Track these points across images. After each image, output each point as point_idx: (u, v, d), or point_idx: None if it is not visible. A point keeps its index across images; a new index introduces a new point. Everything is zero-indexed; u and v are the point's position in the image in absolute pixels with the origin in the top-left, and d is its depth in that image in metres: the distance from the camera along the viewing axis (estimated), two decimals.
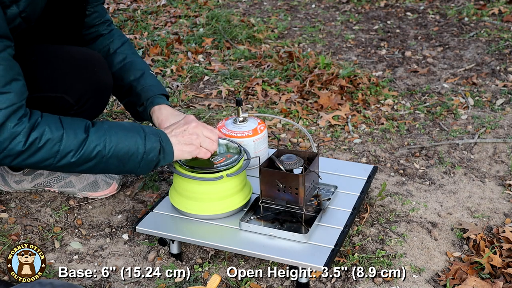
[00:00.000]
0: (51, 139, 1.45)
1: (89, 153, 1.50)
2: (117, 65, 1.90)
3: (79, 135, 1.49)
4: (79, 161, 1.50)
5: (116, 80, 1.90)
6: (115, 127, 1.55)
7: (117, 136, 1.53)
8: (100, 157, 1.52)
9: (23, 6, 1.50)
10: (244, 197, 1.73)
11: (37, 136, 1.44)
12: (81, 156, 1.49)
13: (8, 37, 1.43)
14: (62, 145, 1.47)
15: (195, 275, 1.69)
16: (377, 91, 2.78)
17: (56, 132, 1.46)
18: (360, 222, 1.88)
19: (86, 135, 1.50)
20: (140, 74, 1.89)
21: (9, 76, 1.41)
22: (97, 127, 1.53)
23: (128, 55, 1.92)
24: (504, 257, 1.70)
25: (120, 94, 1.93)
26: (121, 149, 1.53)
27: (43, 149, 1.45)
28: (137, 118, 1.93)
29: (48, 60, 1.73)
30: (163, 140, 1.59)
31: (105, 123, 1.55)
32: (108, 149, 1.52)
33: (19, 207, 1.98)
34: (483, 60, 3.13)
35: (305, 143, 2.39)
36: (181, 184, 1.70)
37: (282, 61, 3.08)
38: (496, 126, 2.47)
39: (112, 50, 1.92)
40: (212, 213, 1.70)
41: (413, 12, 3.94)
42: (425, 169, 2.20)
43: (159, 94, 1.86)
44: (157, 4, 4.08)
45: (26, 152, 1.44)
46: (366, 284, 1.65)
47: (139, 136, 1.55)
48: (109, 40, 1.92)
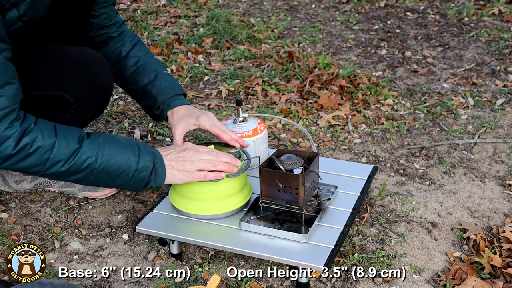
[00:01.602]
0: (42, 146, 1.45)
1: (80, 164, 1.49)
2: (130, 69, 1.89)
3: (71, 145, 1.48)
4: (69, 171, 1.49)
5: (131, 84, 1.89)
6: (110, 141, 1.54)
7: (110, 150, 1.52)
8: (90, 170, 1.51)
9: (23, 10, 1.49)
10: (244, 197, 1.73)
11: (28, 142, 1.43)
12: (71, 166, 1.48)
13: (5, 41, 1.42)
14: (53, 154, 1.46)
15: (195, 275, 1.69)
16: (377, 91, 2.78)
17: (48, 140, 1.45)
18: (360, 222, 1.88)
19: (79, 146, 1.48)
20: (154, 76, 1.87)
21: (2, 80, 1.40)
22: (91, 139, 1.52)
23: (141, 58, 1.90)
24: (504, 257, 1.70)
25: (136, 98, 1.92)
26: (113, 164, 1.52)
27: (33, 155, 1.44)
28: (157, 119, 1.92)
29: (48, 59, 1.73)
30: (157, 161, 1.58)
31: (100, 136, 1.54)
32: (99, 163, 1.50)
33: (19, 207, 1.98)
34: (483, 60, 3.13)
35: (305, 143, 2.39)
36: (181, 185, 1.70)
37: (282, 61, 3.08)
38: (496, 126, 2.47)
39: (124, 53, 1.90)
40: (212, 213, 1.70)
41: (413, 12, 3.94)
42: (425, 169, 2.20)
43: (174, 96, 1.84)
44: (157, 4, 4.08)
45: (15, 157, 1.43)
46: (366, 284, 1.65)
47: (133, 154, 1.54)
48: (120, 42, 1.90)
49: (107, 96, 1.89)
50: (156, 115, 1.88)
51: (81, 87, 1.77)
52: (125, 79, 1.90)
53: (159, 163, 1.58)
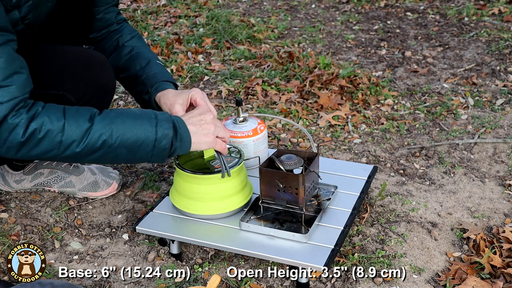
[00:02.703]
0: (51, 130, 1.42)
1: (94, 142, 1.44)
2: (124, 57, 1.87)
3: (82, 125, 1.43)
4: (85, 151, 1.45)
5: (124, 71, 1.86)
6: (124, 114, 1.49)
7: (124, 124, 1.47)
8: (107, 147, 1.46)
9: (24, 12, 1.49)
10: (245, 197, 1.73)
11: (36, 127, 1.40)
12: (85, 146, 1.44)
13: (9, 31, 1.40)
14: (65, 136, 1.43)
15: (195, 275, 1.69)
16: (377, 91, 2.78)
17: (57, 123, 1.42)
18: (360, 222, 1.88)
19: (90, 124, 1.44)
20: (145, 63, 1.84)
21: (12, 69, 1.39)
22: (103, 115, 1.47)
23: (136, 47, 1.88)
24: (504, 257, 1.70)
25: (128, 86, 1.89)
26: (129, 138, 1.47)
27: (44, 140, 1.42)
28: (145, 106, 1.86)
29: (51, 59, 1.73)
30: (180, 127, 1.52)
31: (112, 111, 1.49)
32: (114, 138, 1.46)
33: (19, 207, 1.98)
34: (483, 60, 3.13)
35: (305, 143, 2.39)
36: (182, 184, 1.70)
37: (282, 61, 3.08)
38: (496, 126, 2.47)
39: (121, 43, 1.89)
40: (213, 213, 1.70)
41: (413, 12, 3.94)
42: (425, 169, 2.20)
43: (162, 81, 1.79)
44: (157, 4, 4.08)
45: (27, 143, 1.41)
46: (366, 284, 1.65)
47: (149, 123, 1.48)
48: (118, 34, 1.89)
49: (109, 96, 1.88)
50: (144, 101, 1.83)
51: (83, 86, 1.76)
52: (119, 67, 1.88)
53: (183, 128, 1.53)
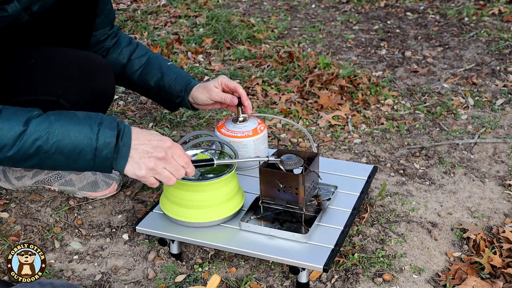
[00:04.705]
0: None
1: (28, 148, 1.34)
2: (135, 73, 1.99)
3: (15, 128, 1.32)
4: (18, 156, 1.35)
5: (141, 86, 2.01)
6: (65, 118, 1.37)
7: (62, 129, 1.35)
8: (42, 153, 1.35)
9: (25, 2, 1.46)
10: (235, 206, 1.69)
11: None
12: (18, 151, 1.33)
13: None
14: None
15: (195, 275, 1.69)
16: (377, 91, 2.78)
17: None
18: (360, 222, 1.88)
19: (25, 128, 1.33)
20: (160, 74, 1.97)
21: None
22: (41, 119, 1.36)
23: (141, 59, 1.99)
24: (504, 257, 1.70)
25: (150, 97, 2.05)
26: (67, 144, 1.35)
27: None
28: (175, 108, 2.04)
29: (47, 63, 1.70)
30: (124, 136, 1.39)
31: (54, 114, 1.38)
32: (50, 144, 1.34)
33: (19, 207, 1.98)
34: (483, 60, 3.13)
35: (305, 143, 2.39)
36: (172, 191, 1.67)
37: (282, 61, 3.08)
38: (496, 126, 2.47)
39: (125, 60, 1.99)
40: (204, 221, 1.66)
41: (413, 12, 3.94)
42: (425, 169, 2.20)
43: (187, 82, 1.95)
44: (157, 4, 4.08)
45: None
46: (366, 284, 1.65)
47: (90, 130, 1.36)
48: (117, 51, 1.98)
49: (106, 101, 1.86)
50: (176, 104, 1.99)
51: (78, 92, 1.72)
52: (134, 83, 2.01)
53: (126, 138, 1.40)
